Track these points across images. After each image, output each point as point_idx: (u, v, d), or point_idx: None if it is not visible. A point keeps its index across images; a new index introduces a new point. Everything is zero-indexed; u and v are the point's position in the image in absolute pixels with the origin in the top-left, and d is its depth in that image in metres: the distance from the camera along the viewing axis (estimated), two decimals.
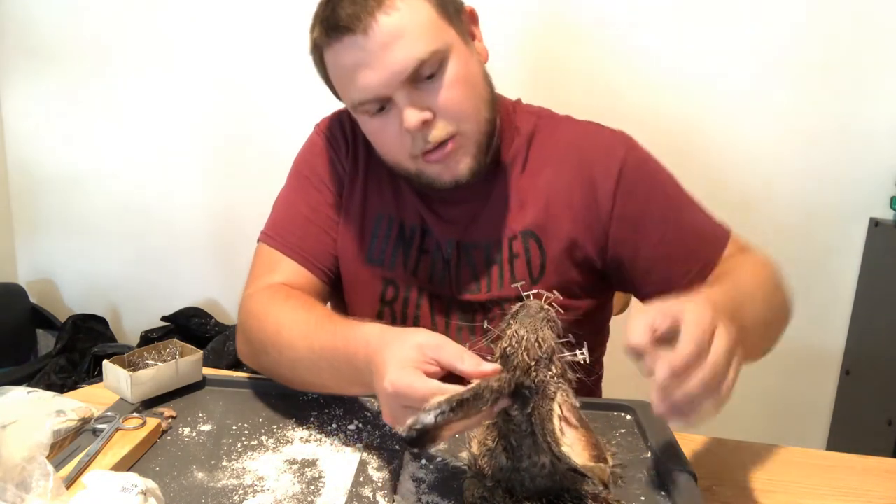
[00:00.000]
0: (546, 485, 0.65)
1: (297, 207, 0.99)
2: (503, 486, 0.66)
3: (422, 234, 0.96)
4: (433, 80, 0.83)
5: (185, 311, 1.96)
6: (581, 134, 0.97)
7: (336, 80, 0.88)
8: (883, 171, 1.64)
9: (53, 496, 0.61)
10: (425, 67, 0.82)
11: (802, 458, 0.88)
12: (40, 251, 2.14)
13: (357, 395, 0.88)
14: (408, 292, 0.96)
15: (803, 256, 1.71)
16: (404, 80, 0.82)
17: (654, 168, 0.96)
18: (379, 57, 0.81)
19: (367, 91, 0.83)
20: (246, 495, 0.69)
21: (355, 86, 0.84)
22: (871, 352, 1.67)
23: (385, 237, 0.97)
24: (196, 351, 0.91)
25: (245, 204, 1.91)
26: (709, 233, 0.93)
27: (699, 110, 1.67)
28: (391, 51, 0.81)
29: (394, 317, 0.97)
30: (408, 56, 0.81)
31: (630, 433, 0.85)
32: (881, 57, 1.59)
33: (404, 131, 0.84)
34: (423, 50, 0.81)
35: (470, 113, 0.86)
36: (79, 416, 0.78)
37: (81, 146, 2.02)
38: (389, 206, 0.97)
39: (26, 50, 1.98)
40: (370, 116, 0.87)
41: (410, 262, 0.96)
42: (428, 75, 0.83)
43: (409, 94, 0.83)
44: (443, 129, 0.84)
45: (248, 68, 1.85)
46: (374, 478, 0.72)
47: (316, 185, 0.99)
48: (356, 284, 0.99)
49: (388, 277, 0.96)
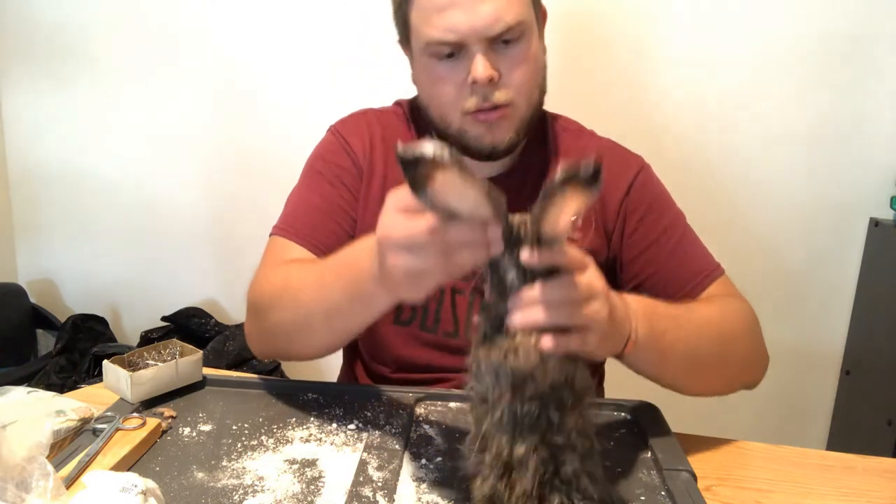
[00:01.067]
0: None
1: (310, 200, 0.99)
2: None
3: None
4: (508, 47, 0.87)
5: (185, 311, 1.96)
6: (600, 149, 1.01)
7: (419, 12, 0.89)
8: (883, 171, 1.64)
9: (53, 496, 0.61)
10: (508, 33, 0.86)
11: (802, 458, 0.88)
12: (40, 251, 2.14)
13: (365, 309, 0.78)
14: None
15: (803, 256, 1.71)
16: (489, 36, 0.85)
17: (661, 193, 1.02)
18: (475, 4, 0.84)
19: (451, 33, 0.85)
20: (246, 495, 0.69)
21: (441, 24, 0.86)
22: (871, 352, 1.67)
23: None
24: (196, 351, 0.91)
25: (245, 204, 1.91)
26: (699, 266, 0.97)
27: (699, 110, 1.67)
28: (487, 3, 0.84)
29: (414, 311, 0.98)
30: (500, 15, 0.84)
31: (630, 433, 0.85)
32: (881, 56, 1.59)
33: (467, 83, 0.87)
34: (514, 14, 0.85)
35: (529, 91, 0.91)
36: (79, 416, 0.78)
37: (81, 146, 2.02)
38: None
39: (26, 50, 1.98)
40: (438, 60, 0.89)
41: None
42: (505, 40, 0.86)
43: (486, 49, 0.86)
44: (504, 94, 0.88)
45: (249, 69, 1.85)
46: (374, 478, 0.72)
47: (330, 179, 0.99)
48: None
49: None
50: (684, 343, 0.82)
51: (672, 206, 1.02)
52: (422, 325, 0.98)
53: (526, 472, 0.62)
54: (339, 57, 1.76)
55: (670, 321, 0.81)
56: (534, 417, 0.62)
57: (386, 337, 0.99)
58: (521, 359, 0.61)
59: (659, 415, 0.88)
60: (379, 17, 1.73)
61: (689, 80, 1.65)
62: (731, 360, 0.90)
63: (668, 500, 0.71)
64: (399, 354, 0.99)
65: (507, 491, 0.62)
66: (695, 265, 0.97)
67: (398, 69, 1.07)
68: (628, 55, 1.66)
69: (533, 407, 0.62)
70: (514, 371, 0.61)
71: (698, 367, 0.86)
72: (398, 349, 0.99)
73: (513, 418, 0.62)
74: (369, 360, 1.03)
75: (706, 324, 0.86)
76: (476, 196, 0.59)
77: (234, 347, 1.82)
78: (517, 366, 0.61)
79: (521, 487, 0.62)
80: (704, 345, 0.85)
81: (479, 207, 0.60)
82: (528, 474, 0.62)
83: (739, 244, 1.72)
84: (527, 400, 0.62)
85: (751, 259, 1.72)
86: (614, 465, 0.77)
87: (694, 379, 0.88)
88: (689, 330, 0.83)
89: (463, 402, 0.89)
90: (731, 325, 0.89)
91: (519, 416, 0.62)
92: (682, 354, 0.82)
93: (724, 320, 0.89)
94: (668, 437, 0.83)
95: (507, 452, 0.62)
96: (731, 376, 0.92)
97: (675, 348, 0.81)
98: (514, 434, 0.62)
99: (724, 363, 0.89)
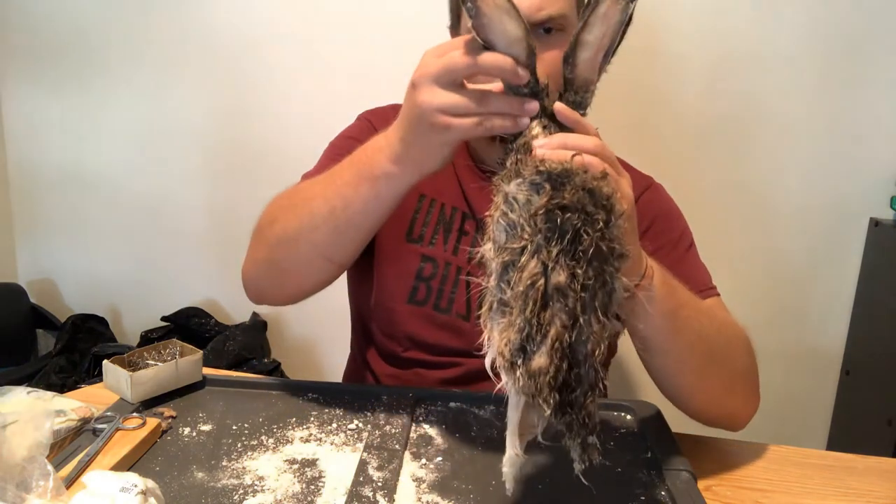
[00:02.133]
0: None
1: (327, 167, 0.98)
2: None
3: (462, 216, 1.00)
4: (549, 35, 0.87)
5: (185, 311, 1.96)
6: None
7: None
8: (883, 171, 1.64)
9: (53, 496, 0.61)
10: (550, 22, 0.86)
11: (802, 458, 0.88)
12: (40, 251, 2.13)
13: (374, 196, 0.79)
14: (447, 270, 0.98)
15: (803, 256, 1.71)
16: (532, 22, 0.84)
17: (669, 211, 1.02)
18: None
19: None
20: (246, 495, 0.69)
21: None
22: (871, 352, 1.67)
23: (426, 216, 1.00)
24: (196, 351, 0.91)
25: (245, 204, 1.91)
26: (698, 278, 0.96)
27: (699, 110, 1.67)
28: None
29: (429, 292, 0.98)
30: (544, 4, 0.84)
31: (630, 433, 0.85)
32: (881, 56, 1.59)
33: None
34: (558, 7, 0.86)
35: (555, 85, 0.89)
36: (79, 416, 0.78)
37: (81, 146, 2.02)
38: (432, 188, 1.00)
39: (26, 50, 1.98)
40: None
41: (450, 242, 0.98)
42: (547, 28, 0.86)
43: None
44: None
45: (249, 68, 1.85)
46: (374, 478, 0.72)
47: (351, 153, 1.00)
48: (392, 260, 1.00)
49: (427, 255, 0.98)
50: (697, 322, 0.80)
51: (678, 224, 1.01)
52: (436, 305, 0.98)
53: (564, 304, 0.55)
54: (339, 57, 1.77)
55: (684, 293, 0.80)
56: (575, 230, 0.56)
57: (400, 316, 0.99)
58: (556, 164, 0.59)
59: (659, 415, 0.88)
60: (379, 17, 1.74)
61: (690, 81, 1.65)
62: (732, 364, 0.87)
63: (668, 500, 0.71)
64: (412, 332, 1.00)
65: (539, 334, 0.55)
66: (693, 282, 0.92)
67: (399, 69, 1.07)
68: (630, 55, 1.66)
69: (575, 219, 0.56)
70: (552, 171, 0.58)
71: (706, 354, 0.83)
72: (411, 328, 0.99)
73: (551, 230, 0.56)
74: (381, 338, 1.03)
75: (713, 315, 0.85)
76: (515, 28, 0.64)
77: (234, 347, 1.82)
78: (554, 167, 0.59)
79: (558, 325, 0.55)
80: (713, 333, 0.83)
81: (514, 43, 0.65)
82: (566, 307, 0.55)
83: (740, 244, 1.72)
84: (566, 205, 0.56)
85: (751, 259, 1.72)
86: (614, 465, 0.77)
87: (700, 369, 0.84)
88: (700, 310, 0.82)
89: (463, 403, 0.89)
90: (733, 331, 0.88)
91: (560, 224, 0.56)
92: (694, 332, 0.80)
93: (727, 324, 0.88)
94: (668, 437, 0.83)
95: (543, 281, 0.55)
96: (730, 382, 0.88)
97: (689, 323, 0.79)
98: (550, 256, 0.55)
99: (728, 361, 0.87)
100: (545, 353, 0.54)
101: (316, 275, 0.88)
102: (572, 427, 0.57)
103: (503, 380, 0.58)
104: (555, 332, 0.55)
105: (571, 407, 0.56)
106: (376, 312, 1.01)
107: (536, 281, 0.55)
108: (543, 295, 0.55)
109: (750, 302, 1.63)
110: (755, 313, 1.70)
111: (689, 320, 0.80)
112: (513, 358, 0.55)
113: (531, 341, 0.55)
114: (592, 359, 0.56)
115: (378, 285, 1.00)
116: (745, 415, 0.90)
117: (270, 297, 0.96)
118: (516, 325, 0.55)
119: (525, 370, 0.55)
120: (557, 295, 0.55)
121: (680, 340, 0.80)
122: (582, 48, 0.67)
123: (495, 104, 0.68)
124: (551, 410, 0.55)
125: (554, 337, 0.54)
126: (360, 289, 1.06)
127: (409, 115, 0.72)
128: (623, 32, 0.68)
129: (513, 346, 0.55)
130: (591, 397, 0.57)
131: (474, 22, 0.65)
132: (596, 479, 0.70)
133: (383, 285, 1.00)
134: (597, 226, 0.56)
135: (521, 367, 0.55)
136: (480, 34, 0.66)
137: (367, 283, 1.02)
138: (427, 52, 0.70)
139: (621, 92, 1.66)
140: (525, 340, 0.55)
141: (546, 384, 0.54)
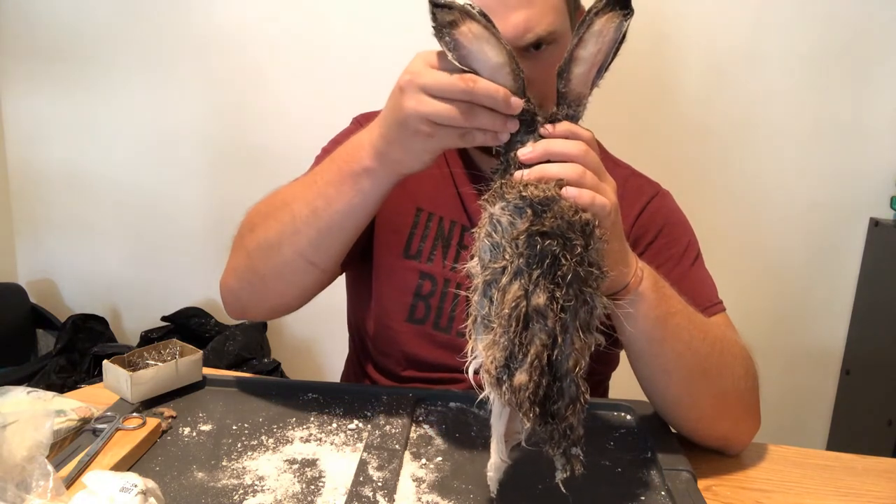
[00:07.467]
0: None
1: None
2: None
3: (461, 229, 0.97)
4: (539, 51, 0.84)
5: (185, 311, 1.96)
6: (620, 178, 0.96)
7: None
8: (883, 171, 1.64)
9: (53, 496, 0.61)
10: (540, 40, 0.84)
11: (802, 458, 0.88)
12: (40, 251, 2.14)
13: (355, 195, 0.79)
14: (446, 287, 0.95)
15: (803, 256, 1.71)
16: (519, 46, 0.82)
17: (677, 220, 1.00)
18: (507, 13, 0.80)
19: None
20: (246, 495, 0.69)
21: None
22: (871, 352, 1.67)
23: (424, 231, 0.97)
24: (196, 351, 0.91)
25: (245, 204, 1.90)
26: (703, 293, 0.93)
27: (700, 110, 1.67)
28: (520, 11, 0.81)
29: (428, 310, 0.96)
30: (532, 25, 0.81)
31: (630, 433, 0.85)
32: (882, 56, 1.59)
33: None
34: (546, 25, 0.82)
35: (550, 97, 0.88)
36: (79, 416, 0.78)
37: (81, 146, 2.02)
38: (430, 202, 0.98)
39: (26, 50, 1.98)
40: None
41: (450, 257, 0.96)
42: (535, 46, 0.84)
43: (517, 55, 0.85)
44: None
45: (249, 69, 1.85)
46: (374, 478, 0.72)
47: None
48: (390, 276, 0.97)
49: (425, 271, 0.96)
50: (688, 333, 0.78)
51: (686, 235, 0.99)
52: (435, 324, 0.96)
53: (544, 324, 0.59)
54: (339, 57, 1.77)
55: (678, 303, 0.78)
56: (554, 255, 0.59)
57: (398, 335, 0.97)
58: (538, 189, 0.61)
59: (659, 415, 0.88)
60: (379, 18, 1.74)
61: (691, 81, 1.66)
62: (726, 383, 0.83)
63: (668, 500, 0.71)
64: (410, 352, 0.97)
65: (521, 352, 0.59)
66: (701, 292, 0.93)
67: (399, 70, 1.07)
68: (632, 57, 1.66)
69: (554, 245, 0.59)
70: (534, 199, 0.61)
71: (695, 368, 0.81)
72: (410, 347, 0.97)
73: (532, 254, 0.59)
74: (379, 356, 1.01)
75: (710, 330, 0.82)
76: (496, 55, 0.65)
77: (234, 347, 1.82)
78: (536, 193, 0.61)
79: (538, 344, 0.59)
80: (706, 347, 0.80)
81: (497, 70, 0.66)
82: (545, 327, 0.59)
83: (740, 244, 1.72)
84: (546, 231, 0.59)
85: (751, 259, 1.72)
86: (614, 465, 0.77)
87: (688, 383, 0.81)
88: (694, 323, 0.80)
89: (463, 403, 0.89)
90: (731, 350, 0.84)
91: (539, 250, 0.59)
92: (684, 343, 0.78)
93: (726, 341, 0.84)
94: (668, 437, 0.83)
95: (525, 304, 0.59)
96: (722, 402, 0.84)
97: (679, 333, 0.78)
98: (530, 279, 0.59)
99: (720, 379, 0.82)
100: (525, 370, 0.59)
101: (300, 282, 0.86)
102: (554, 437, 0.60)
103: (487, 391, 0.61)
104: (534, 351, 0.58)
105: (553, 418, 0.60)
106: (374, 331, 0.99)
107: (520, 304, 0.59)
108: (525, 316, 0.59)
109: (750, 302, 1.64)
110: (755, 313, 1.70)
111: (679, 330, 0.78)
112: (498, 374, 0.59)
113: (514, 359, 0.59)
114: (573, 374, 0.60)
115: (376, 303, 0.98)
116: (738, 440, 0.86)
117: (251, 309, 0.94)
118: (500, 343, 0.59)
119: (509, 385, 0.59)
120: (537, 316, 0.59)
121: (667, 349, 0.78)
122: (576, 63, 0.69)
123: (481, 119, 0.67)
124: (532, 423, 0.59)
125: (533, 355, 0.58)
126: (358, 306, 1.03)
127: (393, 117, 0.71)
128: (617, 49, 0.69)
129: (498, 364, 0.59)
130: (573, 409, 0.60)
131: (454, 55, 0.65)
132: (596, 479, 0.70)
133: (381, 303, 0.97)
134: (575, 251, 0.60)
135: (507, 383, 0.59)
136: (463, 64, 0.66)
137: (366, 300, 1.00)
138: (419, 54, 0.69)
139: (622, 93, 1.66)
140: (509, 359, 0.59)
141: (526, 399, 0.58)
